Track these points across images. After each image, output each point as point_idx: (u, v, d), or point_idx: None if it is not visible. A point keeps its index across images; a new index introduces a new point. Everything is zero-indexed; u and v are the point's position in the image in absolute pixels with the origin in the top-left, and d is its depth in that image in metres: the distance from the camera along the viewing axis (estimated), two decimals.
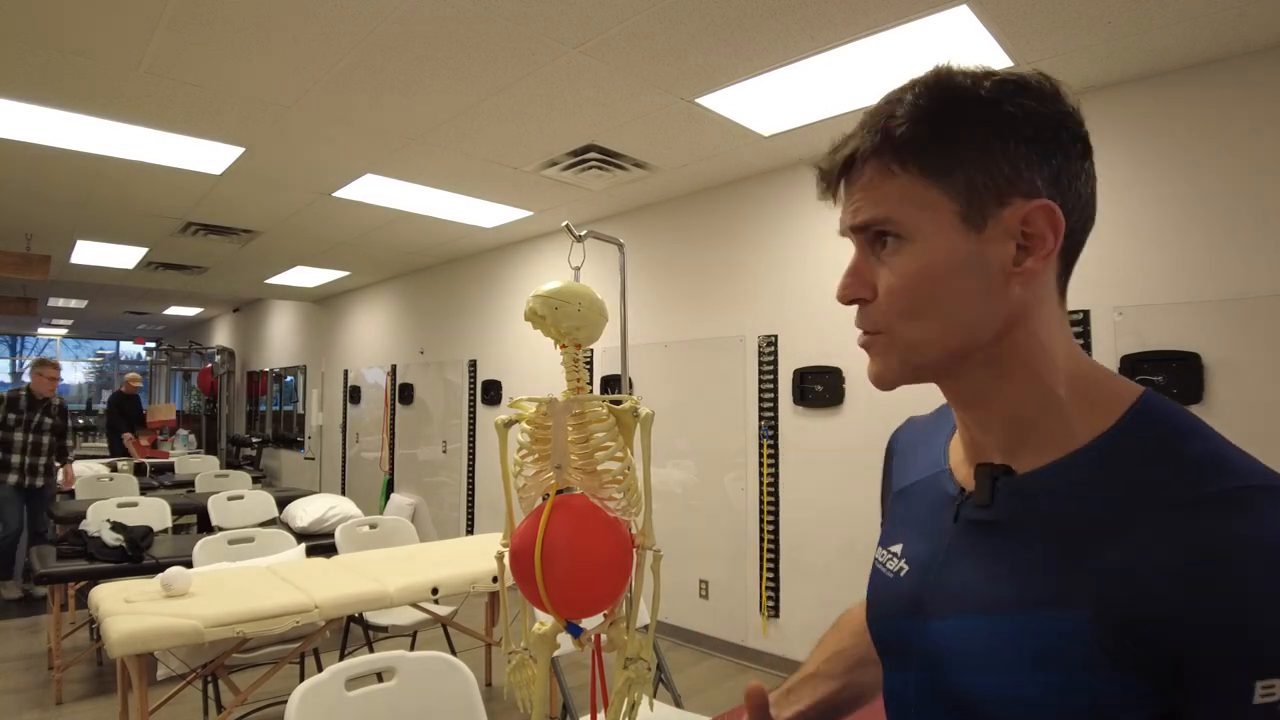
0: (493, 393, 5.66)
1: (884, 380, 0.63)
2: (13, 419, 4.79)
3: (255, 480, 6.26)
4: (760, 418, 3.81)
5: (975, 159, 0.57)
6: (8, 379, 18.23)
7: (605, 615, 1.05)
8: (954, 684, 0.60)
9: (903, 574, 0.69)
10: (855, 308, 0.63)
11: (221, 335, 11.86)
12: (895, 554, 0.71)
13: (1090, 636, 0.51)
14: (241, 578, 2.67)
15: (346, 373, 7.89)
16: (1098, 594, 0.51)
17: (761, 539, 3.76)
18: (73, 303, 9.59)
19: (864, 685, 0.83)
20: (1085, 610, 0.51)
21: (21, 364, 18.47)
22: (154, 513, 4.13)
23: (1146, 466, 0.54)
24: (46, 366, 4.94)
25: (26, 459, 4.79)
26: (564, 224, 2.01)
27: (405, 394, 6.78)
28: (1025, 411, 0.60)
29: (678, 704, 2.43)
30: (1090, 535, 0.53)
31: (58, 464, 5.05)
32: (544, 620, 1.03)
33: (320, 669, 1.67)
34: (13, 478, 4.73)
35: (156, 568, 2.94)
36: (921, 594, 0.65)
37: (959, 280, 0.58)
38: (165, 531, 4.12)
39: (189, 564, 2.82)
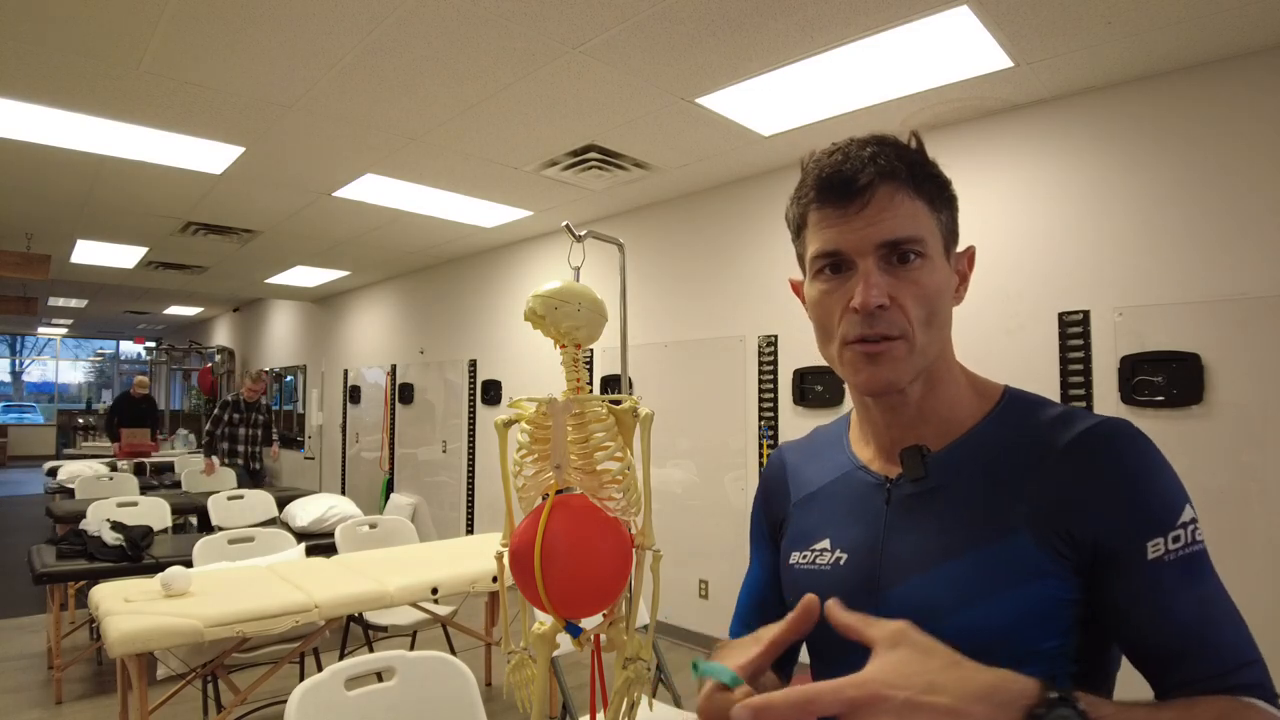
0: (493, 393, 5.66)
1: (895, 384, 0.72)
2: (236, 418, 6.15)
3: None
4: (760, 418, 3.81)
5: (948, 208, 0.75)
6: (8, 378, 18.25)
7: (605, 615, 1.05)
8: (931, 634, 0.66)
9: (842, 562, 0.77)
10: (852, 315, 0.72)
11: (221, 335, 11.85)
12: (823, 549, 0.79)
13: (1036, 550, 0.66)
14: (241, 577, 2.67)
15: (346, 372, 7.89)
16: (1032, 516, 0.67)
17: None
18: (73, 302, 9.59)
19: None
20: (1026, 532, 0.67)
21: (22, 363, 18.49)
22: (154, 512, 4.13)
23: (1029, 427, 0.71)
24: (259, 380, 6.33)
25: (248, 447, 6.19)
26: (564, 224, 2.01)
27: (405, 394, 6.78)
28: (949, 409, 0.76)
29: (677, 704, 2.43)
30: (1010, 478, 0.69)
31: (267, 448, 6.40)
32: (543, 620, 1.03)
33: (320, 669, 1.67)
34: (239, 461, 6.13)
35: (156, 567, 2.94)
36: (870, 572, 0.74)
37: (946, 298, 0.74)
38: (165, 531, 4.12)
39: (189, 564, 2.82)
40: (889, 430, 0.77)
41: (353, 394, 7.75)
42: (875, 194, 0.69)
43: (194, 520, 4.85)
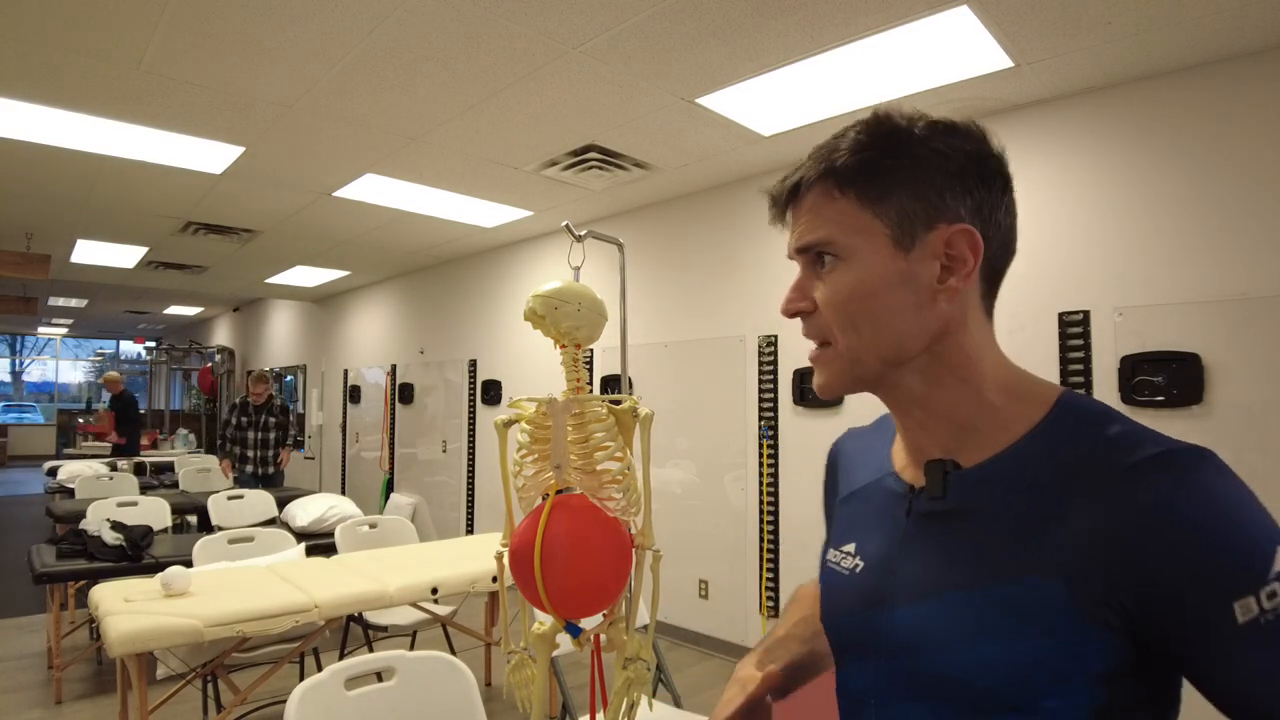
0: (493, 393, 5.66)
1: (830, 389, 0.70)
2: (245, 421, 5.74)
3: None
4: (760, 418, 3.81)
5: (906, 188, 0.64)
6: (8, 378, 18.25)
7: (604, 615, 1.05)
8: (927, 665, 0.64)
9: (859, 570, 0.74)
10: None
11: (221, 335, 11.85)
12: (849, 553, 0.77)
13: (1067, 603, 0.56)
14: (241, 577, 2.67)
15: (346, 372, 7.89)
16: (1070, 564, 0.56)
17: (761, 539, 3.76)
18: (73, 302, 9.59)
19: (826, 651, 0.86)
20: (1059, 580, 0.57)
21: (22, 363, 18.50)
22: (154, 512, 4.12)
23: (1080, 448, 0.60)
24: (260, 382, 5.92)
25: (258, 452, 5.73)
26: (564, 224, 2.01)
27: (405, 394, 6.78)
28: (961, 413, 0.67)
29: (677, 704, 2.43)
30: (1043, 513, 0.59)
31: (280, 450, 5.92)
32: (543, 620, 1.04)
33: (320, 669, 1.67)
34: (249, 468, 5.71)
35: (156, 567, 2.94)
36: (881, 586, 0.70)
37: (890, 296, 0.65)
38: (165, 531, 4.12)
39: (189, 563, 2.81)
40: (907, 433, 0.73)
41: (353, 394, 7.75)
42: (798, 205, 0.71)
43: (194, 520, 4.84)
